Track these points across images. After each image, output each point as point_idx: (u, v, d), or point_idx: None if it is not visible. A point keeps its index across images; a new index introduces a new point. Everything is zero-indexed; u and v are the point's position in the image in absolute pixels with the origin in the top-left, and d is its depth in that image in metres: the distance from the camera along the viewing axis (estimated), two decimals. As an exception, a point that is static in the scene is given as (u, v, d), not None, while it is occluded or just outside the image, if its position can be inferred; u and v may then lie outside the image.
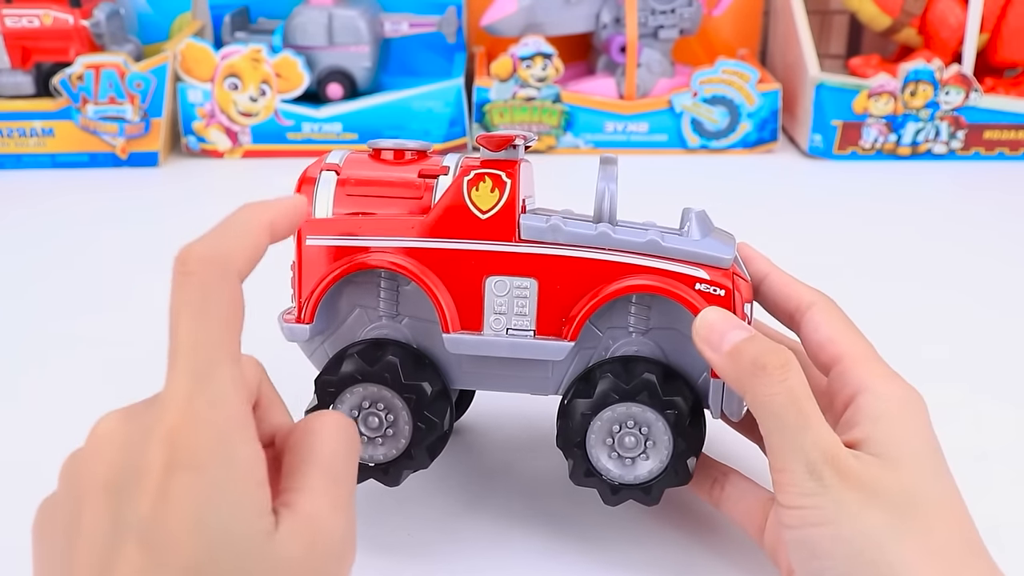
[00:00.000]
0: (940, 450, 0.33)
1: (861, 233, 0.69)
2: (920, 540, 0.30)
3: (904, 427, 0.33)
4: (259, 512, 0.24)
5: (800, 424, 0.31)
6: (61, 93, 0.78)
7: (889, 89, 0.80)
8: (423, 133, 0.82)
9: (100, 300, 0.59)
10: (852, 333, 0.36)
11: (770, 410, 0.32)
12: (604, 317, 0.36)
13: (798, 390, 0.32)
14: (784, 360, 0.32)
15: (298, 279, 0.37)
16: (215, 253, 0.28)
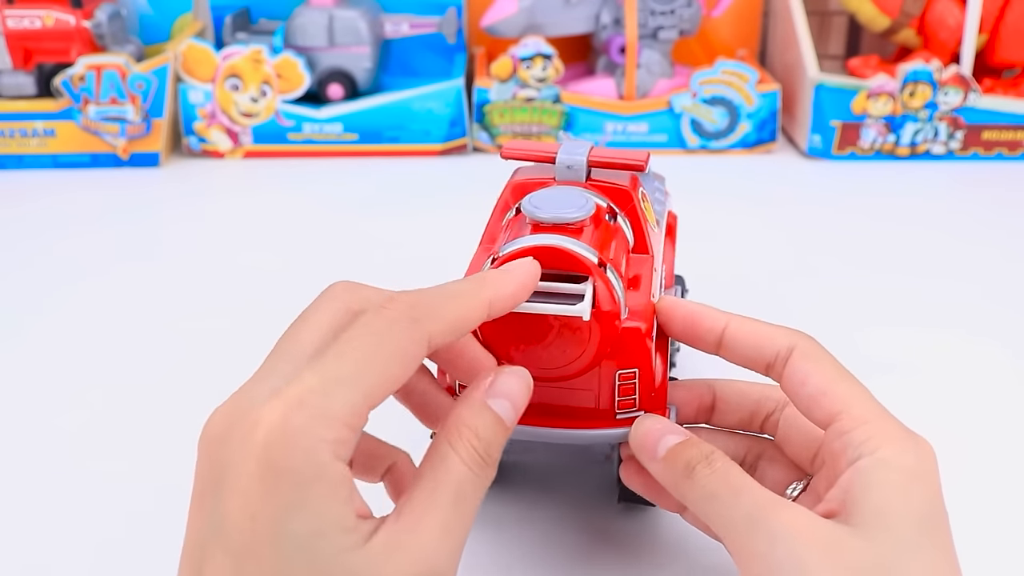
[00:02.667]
0: (941, 523, 0.30)
1: (860, 233, 0.69)
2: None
3: (900, 497, 0.29)
4: (342, 528, 0.24)
5: (733, 492, 0.30)
6: (63, 94, 0.78)
7: (888, 90, 0.80)
8: (423, 134, 0.83)
9: (101, 300, 0.60)
10: (846, 381, 0.33)
11: (705, 497, 0.31)
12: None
13: (727, 470, 0.31)
14: (707, 453, 0.32)
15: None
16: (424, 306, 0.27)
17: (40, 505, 0.41)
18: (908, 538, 0.29)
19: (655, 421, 0.34)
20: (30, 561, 0.38)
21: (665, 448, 0.32)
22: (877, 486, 0.29)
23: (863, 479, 0.30)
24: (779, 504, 0.30)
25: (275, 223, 0.70)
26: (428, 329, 0.27)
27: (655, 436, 0.33)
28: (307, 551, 0.24)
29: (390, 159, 0.83)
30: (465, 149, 0.84)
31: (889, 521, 0.29)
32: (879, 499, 0.29)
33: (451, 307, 0.28)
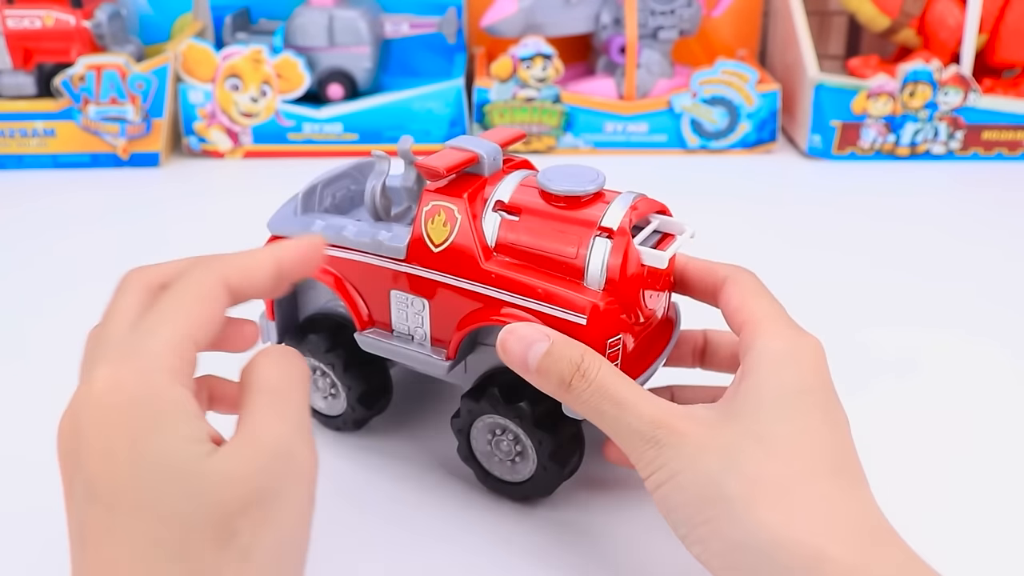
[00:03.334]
0: (819, 394, 0.33)
1: (860, 233, 0.69)
2: (753, 469, 0.30)
3: (772, 375, 0.33)
4: (192, 439, 0.26)
5: (619, 411, 0.33)
6: (63, 94, 0.78)
7: (888, 90, 0.80)
8: (423, 133, 0.83)
9: (101, 300, 0.60)
10: (760, 298, 0.37)
11: (591, 412, 0.34)
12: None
13: (605, 381, 0.34)
14: (580, 363, 0.34)
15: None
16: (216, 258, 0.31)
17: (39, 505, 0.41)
18: (773, 408, 0.32)
19: (522, 328, 0.35)
20: (31, 561, 0.38)
21: (535, 360, 0.34)
22: (751, 372, 0.33)
23: (744, 370, 0.34)
24: (660, 417, 0.33)
25: (275, 223, 0.70)
26: (222, 272, 0.30)
27: (523, 347, 0.35)
28: (162, 466, 0.25)
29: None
30: (465, 149, 0.84)
31: (756, 398, 0.33)
32: (752, 382, 0.33)
33: (242, 257, 0.31)
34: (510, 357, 0.35)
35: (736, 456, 0.31)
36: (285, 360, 0.30)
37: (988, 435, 0.46)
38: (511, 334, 0.35)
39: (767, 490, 0.30)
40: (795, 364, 0.34)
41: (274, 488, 0.26)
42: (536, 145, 0.84)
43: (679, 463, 0.32)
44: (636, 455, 0.33)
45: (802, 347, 0.34)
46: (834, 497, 0.30)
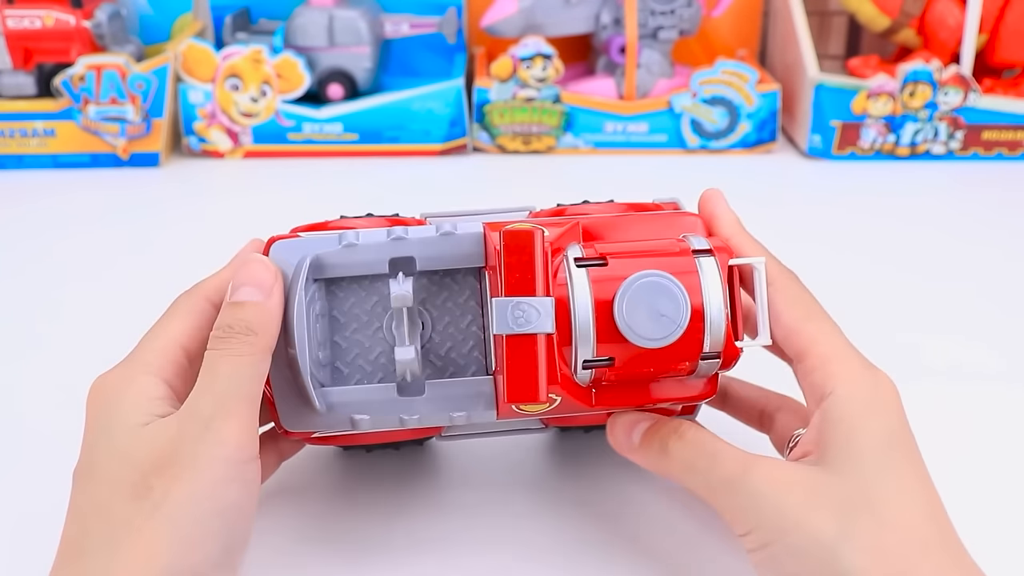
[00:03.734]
0: (910, 437, 0.32)
1: (860, 233, 0.69)
2: (870, 540, 0.29)
3: (862, 427, 0.32)
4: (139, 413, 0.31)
5: (709, 457, 0.33)
6: (62, 94, 0.78)
7: (888, 90, 0.80)
8: (423, 133, 0.83)
9: (101, 300, 0.60)
10: (815, 320, 0.34)
11: (685, 469, 0.33)
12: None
13: (698, 436, 0.33)
14: (676, 427, 0.34)
15: None
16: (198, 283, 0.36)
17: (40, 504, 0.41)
18: (874, 464, 0.31)
19: (627, 415, 0.35)
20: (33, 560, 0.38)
21: (639, 435, 0.35)
22: (839, 422, 0.32)
23: (827, 417, 0.32)
24: (752, 461, 0.32)
25: (275, 223, 0.70)
26: (201, 291, 0.35)
27: (628, 427, 0.35)
28: (107, 436, 0.31)
29: (390, 159, 0.83)
30: (465, 149, 0.84)
31: (854, 452, 0.31)
32: (843, 434, 0.32)
33: (213, 279, 0.36)
34: (617, 445, 0.36)
35: (851, 522, 0.30)
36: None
37: (985, 434, 0.46)
38: (615, 425, 0.36)
39: (890, 566, 0.29)
40: (882, 411, 0.32)
41: (189, 451, 0.30)
42: (536, 145, 0.84)
43: (784, 520, 0.30)
44: (732, 509, 0.32)
45: (882, 389, 0.33)
46: (950, 573, 0.29)
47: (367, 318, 0.35)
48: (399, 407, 0.34)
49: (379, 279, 0.35)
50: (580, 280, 0.32)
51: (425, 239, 0.34)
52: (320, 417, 0.34)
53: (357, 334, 0.35)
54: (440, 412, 0.34)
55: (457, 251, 0.34)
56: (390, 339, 0.35)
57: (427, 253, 0.34)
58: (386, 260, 0.34)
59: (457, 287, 0.35)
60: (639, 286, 0.32)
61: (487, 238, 0.34)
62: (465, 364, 0.35)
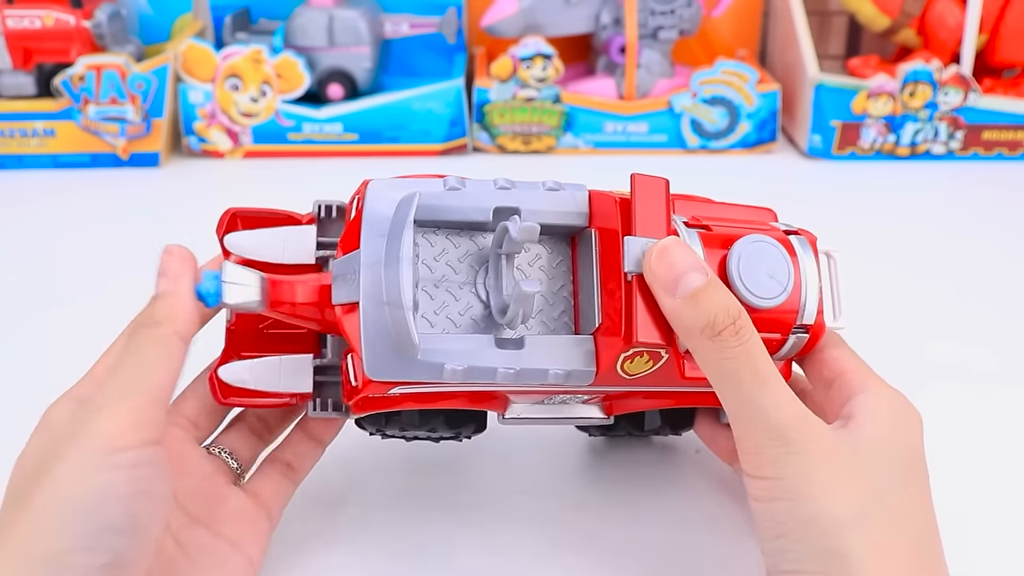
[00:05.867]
0: (925, 465, 0.32)
1: (860, 233, 0.69)
2: (881, 537, 0.29)
3: (895, 429, 0.32)
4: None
5: (758, 387, 0.30)
6: (62, 94, 0.78)
7: (888, 90, 0.80)
8: (423, 134, 0.83)
9: (101, 300, 0.60)
10: (854, 353, 0.36)
11: (724, 372, 0.30)
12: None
13: (754, 351, 0.30)
14: (739, 321, 0.30)
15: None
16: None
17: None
18: (898, 475, 0.31)
19: (681, 249, 0.31)
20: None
21: (687, 289, 0.30)
22: (870, 419, 0.32)
23: (857, 410, 0.32)
24: (799, 414, 0.30)
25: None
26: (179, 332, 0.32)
27: (678, 269, 0.30)
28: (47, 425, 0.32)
29: (390, 159, 0.83)
30: (465, 149, 0.84)
31: (883, 454, 0.31)
32: (873, 432, 0.31)
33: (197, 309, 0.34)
34: (656, 276, 0.31)
35: (867, 515, 0.29)
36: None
37: (984, 434, 0.46)
38: (663, 254, 0.31)
39: (885, 562, 0.29)
40: (909, 429, 0.32)
41: (54, 452, 0.30)
42: (536, 145, 0.84)
43: (806, 486, 0.29)
44: (756, 444, 0.30)
45: (911, 412, 0.33)
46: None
47: (460, 271, 0.34)
48: (498, 358, 0.32)
49: (475, 233, 0.34)
50: (693, 240, 0.32)
51: (532, 192, 0.33)
52: (412, 365, 0.31)
53: (449, 286, 0.33)
54: (539, 367, 0.32)
55: (562, 208, 0.33)
56: (482, 294, 0.33)
57: (532, 206, 0.33)
58: (491, 208, 0.33)
59: (548, 252, 0.35)
60: (751, 248, 0.32)
61: (594, 197, 0.34)
62: (555, 329, 0.34)
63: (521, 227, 0.31)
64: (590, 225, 0.34)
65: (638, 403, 0.37)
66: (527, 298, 0.31)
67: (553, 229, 0.34)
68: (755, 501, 0.31)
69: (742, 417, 0.31)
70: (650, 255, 0.31)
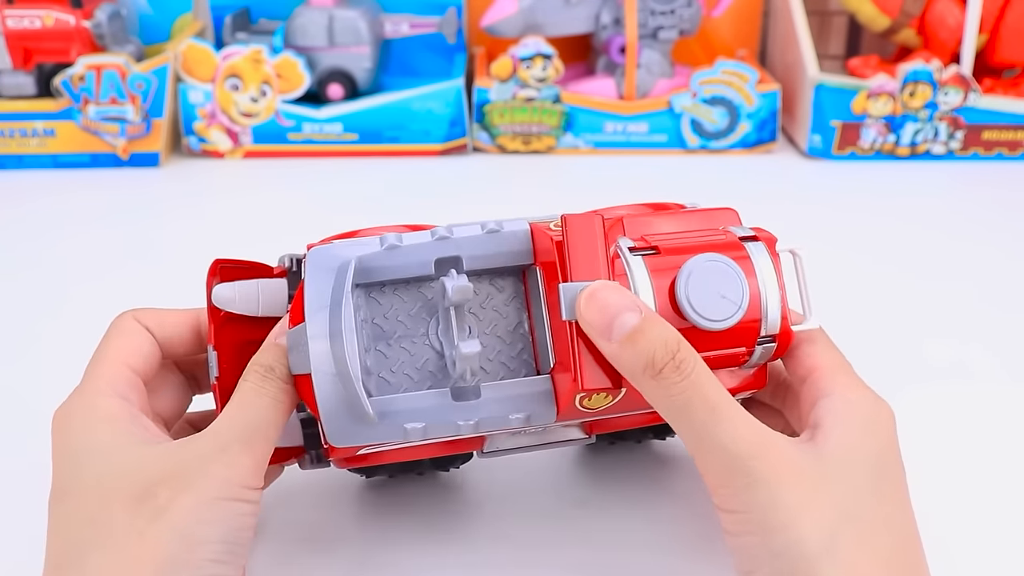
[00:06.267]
0: (899, 465, 0.32)
1: (860, 233, 0.69)
2: (853, 558, 0.29)
3: (864, 435, 0.31)
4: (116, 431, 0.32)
5: (710, 418, 0.29)
6: (62, 94, 0.78)
7: (888, 90, 0.80)
8: (423, 134, 0.83)
9: (100, 300, 0.60)
10: (830, 348, 0.35)
11: (674, 410, 0.30)
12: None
13: (700, 381, 0.29)
14: (679, 355, 0.29)
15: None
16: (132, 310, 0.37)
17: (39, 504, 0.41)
18: (867, 488, 0.30)
19: (611, 292, 0.30)
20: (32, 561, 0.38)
21: (622, 331, 0.30)
22: (837, 426, 0.31)
23: (824, 417, 0.32)
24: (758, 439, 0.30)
25: (275, 223, 0.70)
26: (133, 313, 0.36)
27: (610, 313, 0.30)
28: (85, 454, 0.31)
29: (390, 159, 0.83)
30: (465, 149, 0.84)
31: (850, 466, 0.30)
32: (840, 440, 0.31)
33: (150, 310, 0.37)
34: (589, 323, 0.30)
35: (836, 537, 0.29)
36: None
37: (983, 434, 0.46)
38: (592, 300, 0.30)
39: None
40: (878, 432, 0.32)
41: (199, 467, 0.30)
42: (536, 145, 0.84)
43: (773, 517, 0.29)
44: (719, 479, 0.30)
45: (881, 412, 0.32)
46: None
47: (411, 325, 0.34)
48: (456, 413, 0.32)
49: (421, 284, 0.34)
50: (638, 267, 0.32)
51: (471, 237, 0.33)
52: (371, 428, 0.31)
53: (402, 342, 0.33)
54: (499, 415, 0.32)
55: (504, 248, 0.33)
56: (436, 345, 0.33)
57: (473, 252, 0.33)
58: (432, 261, 0.33)
59: (498, 291, 0.34)
60: (700, 269, 0.31)
61: (535, 233, 0.33)
62: (515, 368, 0.34)
63: (454, 287, 0.31)
64: (535, 262, 0.33)
65: (621, 423, 0.36)
66: (469, 359, 0.31)
67: (499, 271, 0.34)
68: (727, 535, 0.30)
69: (701, 451, 0.30)
70: (579, 301, 0.30)
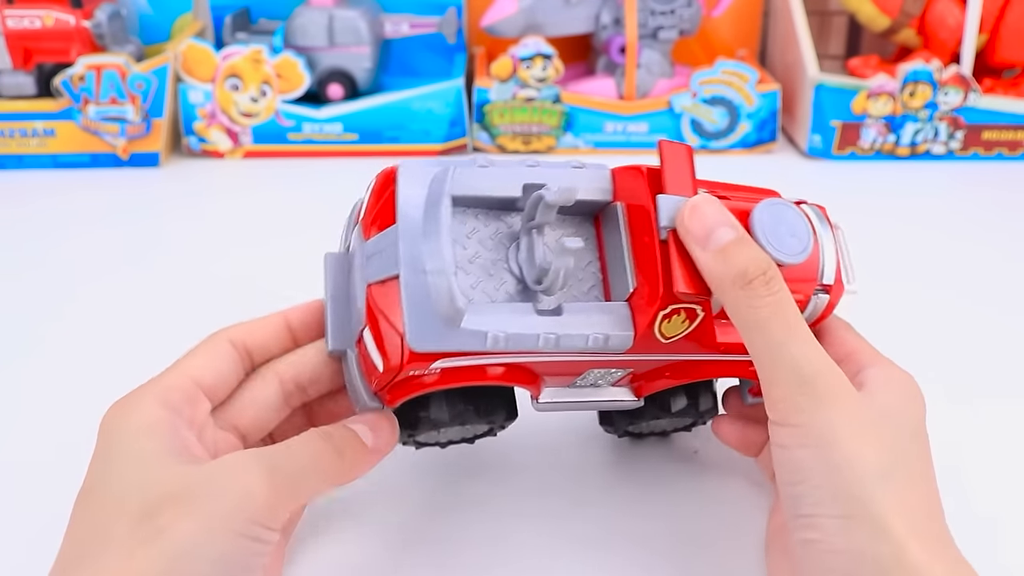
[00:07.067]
0: (928, 445, 0.33)
1: (860, 233, 0.69)
2: (904, 492, 0.30)
3: (905, 400, 0.33)
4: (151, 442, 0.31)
5: (787, 336, 0.31)
6: (62, 94, 0.78)
7: (888, 90, 0.80)
8: (423, 134, 0.83)
9: (100, 300, 0.60)
10: (862, 337, 0.38)
11: (754, 322, 0.31)
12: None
13: (784, 302, 0.31)
14: (769, 272, 0.31)
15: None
16: (226, 327, 0.37)
17: (39, 504, 0.41)
18: (912, 442, 0.32)
19: (712, 206, 0.32)
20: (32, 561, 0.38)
21: (718, 243, 0.31)
22: (882, 389, 0.33)
23: (869, 380, 0.34)
24: (827, 366, 0.31)
25: (275, 223, 0.70)
26: (226, 332, 0.36)
27: (709, 223, 0.32)
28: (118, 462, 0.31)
29: (390, 159, 0.83)
30: (465, 149, 0.84)
31: (898, 420, 0.32)
32: (886, 400, 0.33)
33: (243, 325, 0.37)
34: (690, 231, 0.32)
35: (891, 468, 0.30)
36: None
37: (983, 434, 0.46)
38: (695, 210, 0.32)
39: (906, 514, 0.29)
40: (917, 403, 0.34)
41: (205, 492, 0.29)
42: (536, 145, 0.84)
43: (832, 435, 0.30)
44: (782, 395, 0.31)
45: (918, 391, 0.34)
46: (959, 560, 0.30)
47: (493, 247, 0.34)
48: (537, 325, 0.32)
49: (501, 212, 0.35)
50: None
51: (558, 169, 0.34)
52: (456, 334, 0.31)
53: (483, 263, 0.34)
54: (579, 332, 0.32)
55: (588, 184, 0.35)
56: (516, 270, 0.34)
57: (560, 182, 0.33)
58: (520, 184, 0.34)
59: (574, 232, 0.36)
60: (772, 210, 0.33)
61: (616, 174, 0.35)
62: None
63: (558, 189, 0.31)
64: (614, 200, 0.35)
65: (668, 380, 0.37)
66: (570, 254, 0.32)
67: (579, 206, 0.35)
68: (779, 448, 0.31)
69: (771, 365, 0.31)
70: (683, 211, 0.32)
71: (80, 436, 0.46)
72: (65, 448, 0.45)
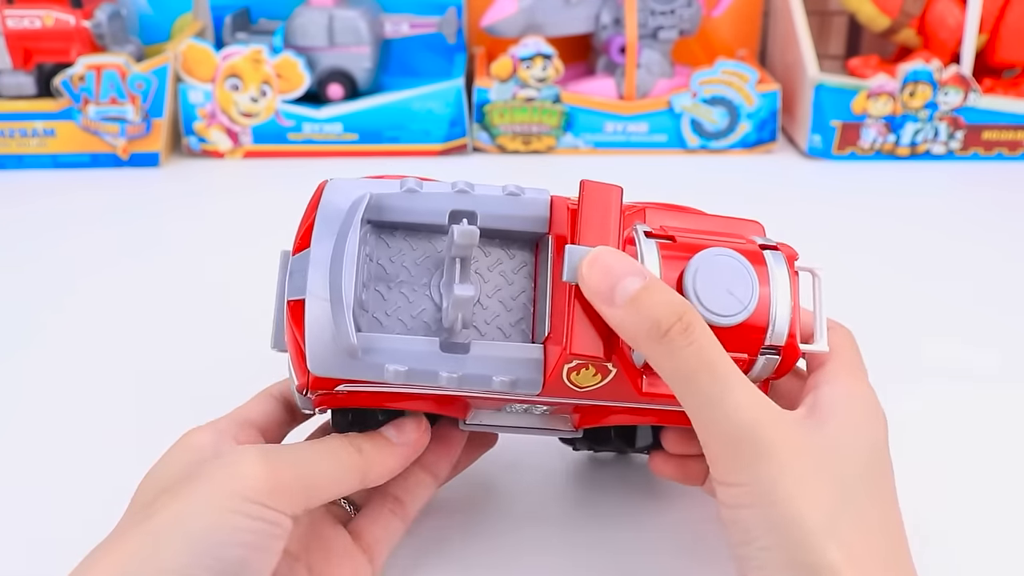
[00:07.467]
0: (890, 465, 0.31)
1: (860, 233, 0.69)
2: (853, 543, 0.28)
3: (859, 424, 0.31)
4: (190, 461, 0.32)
5: (716, 388, 0.29)
6: (62, 94, 0.78)
7: (888, 90, 0.80)
8: (423, 134, 0.83)
9: (100, 300, 0.60)
10: (852, 348, 0.35)
11: (680, 376, 0.29)
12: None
13: (708, 347, 0.29)
14: (687, 318, 0.29)
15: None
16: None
17: (38, 499, 0.41)
18: (866, 477, 0.30)
19: (614, 256, 0.30)
20: (33, 554, 0.38)
21: (625, 295, 0.29)
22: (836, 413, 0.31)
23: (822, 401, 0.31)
24: (763, 412, 0.29)
25: (275, 223, 0.70)
26: (268, 389, 0.37)
27: (613, 276, 0.29)
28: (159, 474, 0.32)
29: (390, 159, 0.83)
30: (465, 149, 0.84)
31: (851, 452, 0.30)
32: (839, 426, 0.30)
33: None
34: (591, 287, 0.29)
35: (837, 516, 0.28)
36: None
37: (983, 434, 0.46)
38: (595, 263, 0.29)
39: (859, 571, 0.28)
40: (874, 425, 0.31)
41: (197, 476, 0.30)
42: (536, 145, 0.84)
43: (775, 490, 0.28)
44: (722, 449, 0.29)
45: (877, 410, 0.32)
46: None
47: (415, 272, 0.33)
48: (441, 363, 0.31)
49: (432, 235, 0.33)
50: (650, 252, 0.31)
51: (490, 196, 0.33)
52: (353, 362, 0.31)
53: (403, 287, 0.33)
54: (483, 373, 0.31)
55: (520, 213, 0.33)
56: (436, 297, 0.33)
57: (490, 211, 0.32)
58: (447, 211, 0.32)
59: (509, 257, 0.34)
60: (711, 262, 0.31)
61: (555, 203, 0.33)
62: (511, 336, 0.33)
63: (460, 231, 0.30)
64: (549, 231, 0.33)
65: (615, 418, 0.35)
66: (463, 302, 0.31)
67: (512, 235, 0.33)
68: (725, 508, 0.30)
69: (705, 421, 0.29)
70: (582, 265, 0.30)
71: (80, 436, 0.46)
72: (66, 447, 0.45)
